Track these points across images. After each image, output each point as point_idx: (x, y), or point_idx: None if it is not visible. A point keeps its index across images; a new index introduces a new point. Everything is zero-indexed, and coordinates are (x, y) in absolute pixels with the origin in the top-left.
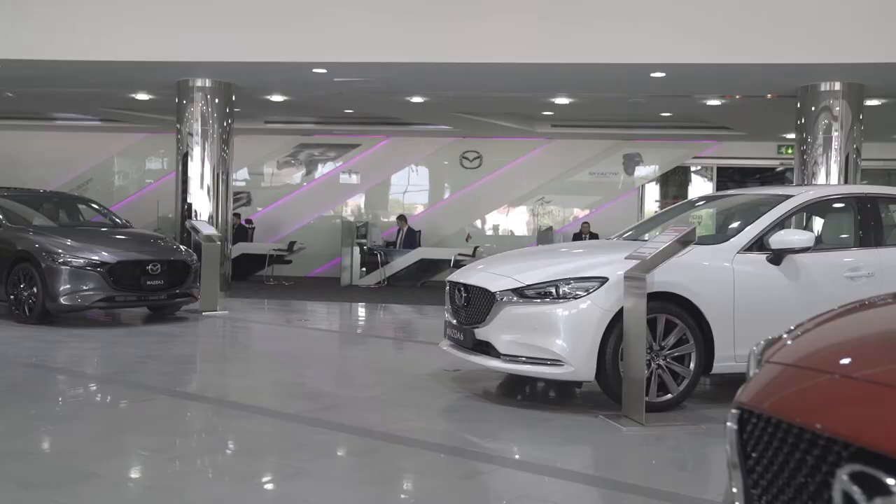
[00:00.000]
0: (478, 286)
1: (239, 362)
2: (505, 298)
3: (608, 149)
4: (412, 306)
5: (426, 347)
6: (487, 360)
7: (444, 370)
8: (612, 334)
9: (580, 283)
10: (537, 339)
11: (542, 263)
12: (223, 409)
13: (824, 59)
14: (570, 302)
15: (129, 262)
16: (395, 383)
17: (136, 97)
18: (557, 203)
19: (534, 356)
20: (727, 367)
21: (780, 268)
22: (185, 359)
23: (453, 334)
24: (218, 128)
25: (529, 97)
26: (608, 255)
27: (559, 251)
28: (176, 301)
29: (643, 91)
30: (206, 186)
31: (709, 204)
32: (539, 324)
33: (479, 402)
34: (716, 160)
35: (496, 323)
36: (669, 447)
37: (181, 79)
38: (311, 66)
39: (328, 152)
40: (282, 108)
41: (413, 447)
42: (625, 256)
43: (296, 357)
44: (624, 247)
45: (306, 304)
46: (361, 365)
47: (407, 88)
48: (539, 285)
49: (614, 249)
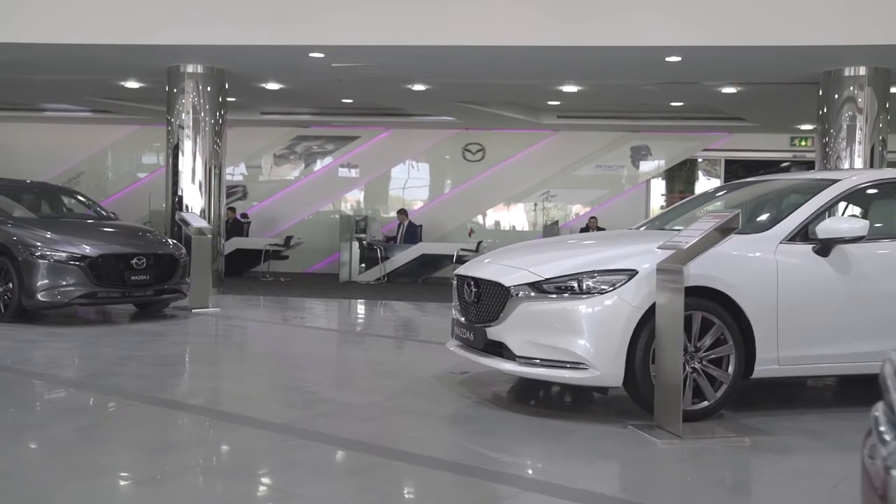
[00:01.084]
0: (490, 280)
1: (228, 364)
2: (521, 294)
3: (615, 141)
4: (413, 303)
5: (430, 347)
6: (501, 362)
7: (450, 372)
8: (642, 334)
9: (606, 276)
10: (557, 340)
11: (562, 255)
12: (206, 419)
13: (848, 40)
14: (595, 297)
15: (111, 256)
16: (397, 387)
17: (126, 85)
18: (563, 197)
19: (553, 358)
20: (769, 371)
21: (829, 259)
22: (170, 360)
23: (462, 333)
24: (210, 118)
25: (536, 85)
26: (635, 245)
27: (577, 242)
28: (163, 297)
29: (657, 77)
30: (197, 181)
31: (739, 190)
32: (559, 322)
33: (491, 410)
34: (725, 153)
35: (511, 321)
36: (711, 464)
37: (171, 64)
38: (308, 50)
39: (326, 145)
40: (278, 97)
41: (418, 464)
42: (657, 246)
43: (290, 358)
44: (649, 237)
45: (303, 302)
46: (361, 367)
47: (407, 75)
48: (560, 279)
49: (640, 239)
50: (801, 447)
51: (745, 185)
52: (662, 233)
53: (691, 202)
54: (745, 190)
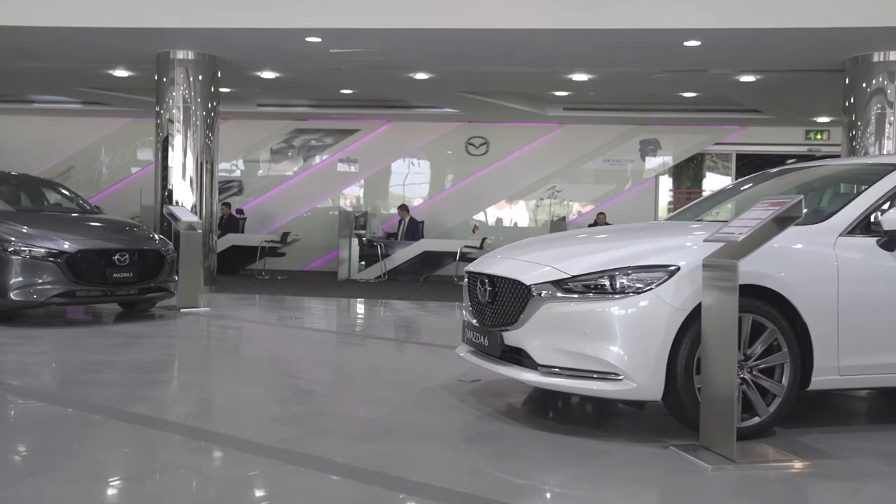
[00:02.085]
0: (507, 278)
1: (212, 371)
2: (544, 293)
3: (624, 134)
4: (415, 303)
5: (435, 351)
6: (520, 371)
7: (459, 380)
8: (684, 339)
9: (643, 273)
10: (587, 346)
11: (589, 249)
12: (180, 438)
13: (878, 21)
14: (630, 297)
15: (92, 252)
16: (400, 399)
17: (115, 74)
18: (569, 193)
19: (582, 368)
20: (829, 383)
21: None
22: (148, 366)
23: (475, 338)
24: (202, 110)
25: (543, 73)
26: (674, 237)
27: (605, 234)
28: (149, 297)
29: (673, 64)
30: (188, 176)
31: (781, 177)
32: (589, 326)
33: (509, 425)
34: (736, 147)
35: (532, 325)
36: (777, 496)
37: (161, 50)
38: (304, 34)
39: (325, 138)
40: (274, 87)
41: (429, 498)
42: (704, 238)
43: (282, 364)
44: (685, 228)
45: (299, 301)
46: (360, 374)
47: (409, 62)
48: (589, 276)
49: (677, 231)
50: (878, 473)
51: (789, 172)
52: (700, 224)
53: (726, 192)
54: (788, 177)
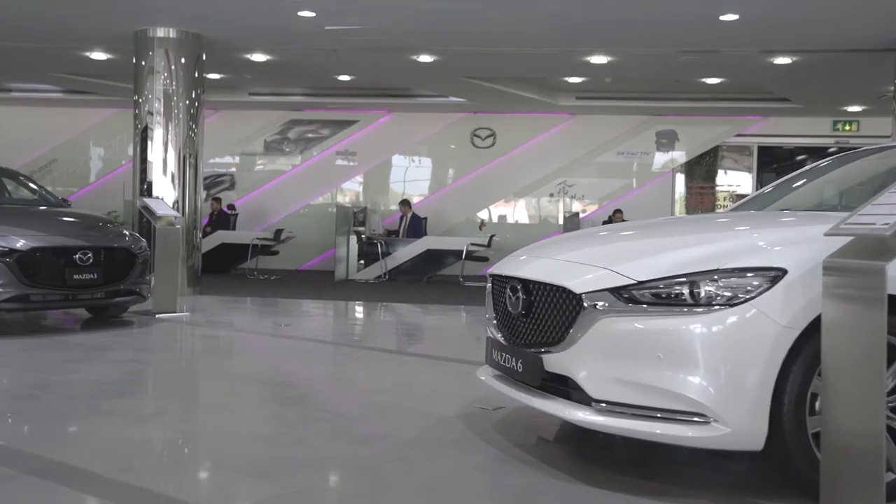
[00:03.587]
0: (548, 283)
1: (174, 397)
2: (600, 304)
3: (639, 125)
4: (419, 306)
5: (445, 367)
6: (567, 408)
7: (479, 407)
8: (793, 368)
9: (737, 277)
10: (660, 376)
11: (655, 245)
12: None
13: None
14: (720, 311)
15: (48, 251)
16: (406, 436)
17: (92, 56)
18: (581, 187)
19: (653, 405)
20: None
21: None
22: (98, 390)
23: (503, 360)
24: (185, 98)
25: (557, 55)
26: (771, 229)
27: (668, 227)
28: (117, 301)
29: (704, 43)
30: (169, 172)
31: (871, 157)
32: (664, 349)
33: (548, 474)
34: (758, 139)
35: (584, 346)
36: None
37: (138, 28)
38: (297, 7)
39: (322, 130)
40: (266, 73)
41: None
42: (825, 232)
43: (263, 387)
44: (777, 219)
45: (292, 304)
46: (357, 400)
47: (411, 42)
48: (663, 282)
49: (768, 223)
50: None
51: (881, 151)
52: (793, 215)
53: (798, 177)
54: (885, 158)
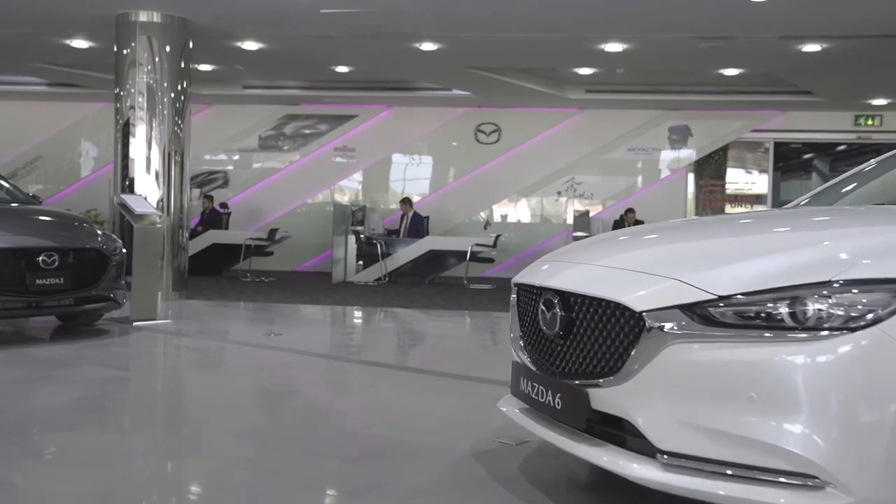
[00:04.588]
0: (597, 297)
1: (137, 430)
2: (668, 325)
3: (651, 120)
4: (421, 311)
5: (454, 386)
6: (623, 459)
7: (498, 441)
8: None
9: (852, 293)
10: (752, 424)
11: (732, 247)
12: None
13: None
14: (833, 338)
15: (8, 252)
16: (413, 482)
17: (73, 44)
18: (589, 185)
19: (743, 462)
20: None
21: None
22: (47, 420)
23: (534, 393)
24: (170, 92)
25: (569, 42)
26: (883, 227)
27: (744, 221)
28: (87, 308)
29: (730, 28)
30: (153, 170)
31: None
32: (758, 387)
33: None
34: (775, 134)
35: (646, 379)
36: None
37: (120, 11)
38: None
39: (319, 125)
40: (260, 64)
41: None
42: None
43: (244, 414)
44: (887, 215)
45: (286, 309)
46: (352, 433)
47: (412, 28)
48: (754, 297)
49: (875, 219)
50: None
51: None
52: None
53: (875, 168)
54: None
